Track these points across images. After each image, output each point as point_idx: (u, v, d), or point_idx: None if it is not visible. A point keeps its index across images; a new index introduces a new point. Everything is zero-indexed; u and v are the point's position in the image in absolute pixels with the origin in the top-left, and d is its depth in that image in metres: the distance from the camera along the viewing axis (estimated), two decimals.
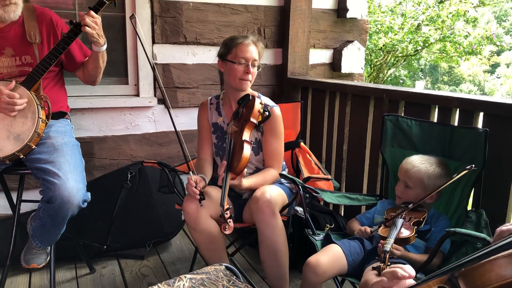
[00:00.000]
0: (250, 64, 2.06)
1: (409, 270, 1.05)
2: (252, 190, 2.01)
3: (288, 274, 2.03)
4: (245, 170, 1.93)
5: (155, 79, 2.94)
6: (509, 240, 0.93)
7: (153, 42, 2.89)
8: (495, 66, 20.92)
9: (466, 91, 19.83)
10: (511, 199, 1.81)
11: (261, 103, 2.05)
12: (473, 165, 1.62)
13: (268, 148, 2.15)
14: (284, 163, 2.29)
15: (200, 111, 2.28)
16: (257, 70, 2.12)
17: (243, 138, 1.94)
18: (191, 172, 1.95)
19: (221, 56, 2.12)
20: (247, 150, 1.90)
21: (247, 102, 2.05)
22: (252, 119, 1.98)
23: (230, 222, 1.78)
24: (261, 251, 1.97)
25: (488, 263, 0.85)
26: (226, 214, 1.78)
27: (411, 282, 1.03)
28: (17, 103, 1.88)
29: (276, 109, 2.15)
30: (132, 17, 1.99)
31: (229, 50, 2.08)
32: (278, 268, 1.97)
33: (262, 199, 1.89)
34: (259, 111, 2.02)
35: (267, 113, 2.07)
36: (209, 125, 2.24)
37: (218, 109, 2.24)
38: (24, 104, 1.90)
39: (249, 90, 2.16)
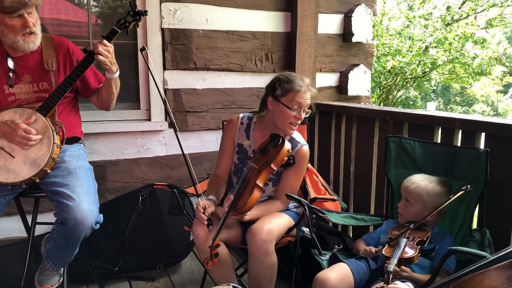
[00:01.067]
0: (302, 110, 2.06)
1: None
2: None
3: None
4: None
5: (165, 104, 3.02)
6: (500, 254, 0.96)
7: (164, 68, 2.98)
8: (508, 86, 20.80)
9: (479, 112, 19.71)
10: None
11: (288, 150, 2.01)
12: (469, 186, 1.66)
13: (285, 181, 2.15)
14: None
15: (228, 128, 2.26)
16: (306, 115, 2.10)
17: (257, 182, 1.94)
18: (199, 199, 1.99)
19: (275, 96, 2.07)
20: (256, 195, 1.91)
21: (276, 143, 2.02)
22: (272, 165, 1.97)
23: (215, 259, 1.78)
24: (248, 274, 2.03)
25: (480, 275, 0.88)
26: (214, 249, 1.78)
27: None
28: (32, 139, 1.96)
29: (305, 148, 2.14)
30: (143, 49, 2.05)
31: (285, 93, 2.04)
32: None
33: (257, 236, 1.90)
34: (283, 159, 2.00)
35: (291, 161, 2.06)
36: (234, 144, 2.24)
37: (248, 131, 2.22)
38: (38, 140, 1.98)
39: None
